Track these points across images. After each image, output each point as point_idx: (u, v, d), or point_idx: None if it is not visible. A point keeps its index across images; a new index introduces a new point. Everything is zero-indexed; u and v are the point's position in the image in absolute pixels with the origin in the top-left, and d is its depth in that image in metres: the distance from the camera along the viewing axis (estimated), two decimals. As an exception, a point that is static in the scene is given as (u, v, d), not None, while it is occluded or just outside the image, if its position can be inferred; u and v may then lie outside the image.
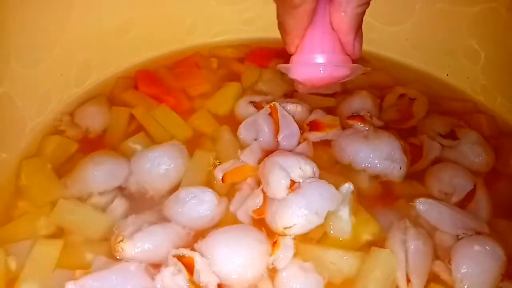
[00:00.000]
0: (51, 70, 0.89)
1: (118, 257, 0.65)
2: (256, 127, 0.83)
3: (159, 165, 0.75)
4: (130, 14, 0.99)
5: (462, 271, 0.65)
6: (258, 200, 0.71)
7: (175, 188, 0.75)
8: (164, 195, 0.75)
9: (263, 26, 1.13)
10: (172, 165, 0.76)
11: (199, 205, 0.70)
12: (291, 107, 0.87)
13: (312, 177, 0.71)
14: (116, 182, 0.76)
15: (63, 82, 0.92)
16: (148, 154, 0.76)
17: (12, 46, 0.80)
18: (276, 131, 0.82)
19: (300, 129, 0.84)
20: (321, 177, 0.71)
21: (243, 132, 0.84)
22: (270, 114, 0.84)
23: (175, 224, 0.69)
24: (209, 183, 0.77)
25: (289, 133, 0.82)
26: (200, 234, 0.68)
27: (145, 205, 0.74)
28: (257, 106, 0.88)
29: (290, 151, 0.78)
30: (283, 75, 0.99)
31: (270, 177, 0.69)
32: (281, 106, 0.84)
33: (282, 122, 0.82)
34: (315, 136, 0.83)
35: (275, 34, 1.18)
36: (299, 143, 0.82)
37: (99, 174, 0.75)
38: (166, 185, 0.76)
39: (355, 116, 0.85)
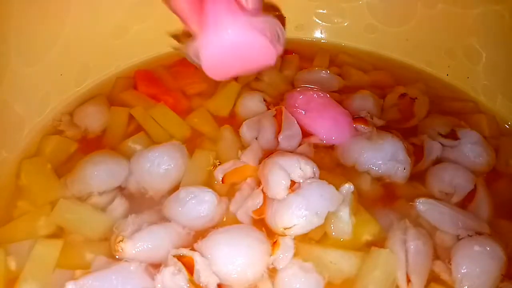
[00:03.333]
0: (51, 70, 0.89)
1: (117, 257, 0.65)
2: (259, 127, 0.83)
3: (159, 165, 0.75)
4: (129, 15, 0.99)
5: (462, 271, 0.65)
6: (258, 201, 0.71)
7: (175, 188, 0.74)
8: (164, 195, 0.75)
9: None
10: (172, 165, 0.76)
11: (199, 205, 0.69)
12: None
13: (312, 178, 0.70)
14: (116, 182, 0.75)
15: (63, 82, 0.92)
16: (148, 154, 0.76)
17: (12, 47, 0.80)
18: (278, 132, 0.82)
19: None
20: (321, 177, 0.71)
21: (246, 130, 0.84)
22: (275, 116, 0.85)
23: (175, 224, 0.69)
24: (209, 183, 0.77)
25: (290, 134, 0.82)
26: (200, 234, 0.68)
27: (145, 205, 0.74)
28: (268, 105, 0.90)
29: (291, 152, 0.78)
30: (281, 73, 1.01)
31: (270, 177, 0.69)
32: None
33: (285, 123, 0.82)
34: (317, 137, 0.83)
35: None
36: (300, 145, 0.82)
37: (99, 174, 0.74)
38: (166, 185, 0.76)
39: (358, 118, 0.85)
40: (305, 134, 0.84)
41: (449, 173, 0.78)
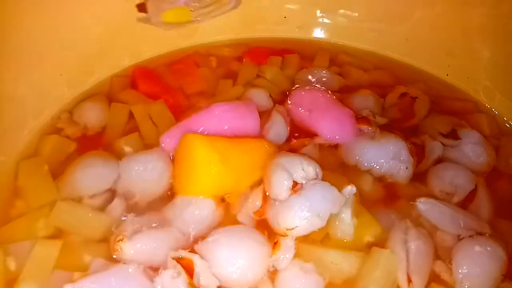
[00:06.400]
0: (51, 71, 0.88)
1: (114, 256, 0.65)
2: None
3: (148, 170, 0.74)
4: (129, 15, 0.98)
5: (463, 271, 0.65)
6: (258, 201, 0.70)
7: (163, 194, 0.74)
8: (151, 201, 0.74)
9: (260, 26, 1.13)
10: (163, 170, 0.74)
11: (198, 211, 0.69)
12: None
13: (315, 179, 0.70)
14: (105, 185, 0.74)
15: (63, 82, 0.92)
16: (139, 158, 0.75)
17: (12, 47, 0.79)
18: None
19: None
20: (324, 178, 0.71)
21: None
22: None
23: (175, 227, 0.68)
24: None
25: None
26: (200, 235, 0.67)
27: (144, 206, 0.73)
28: (274, 101, 0.90)
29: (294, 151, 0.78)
30: (282, 72, 1.01)
31: (272, 177, 0.69)
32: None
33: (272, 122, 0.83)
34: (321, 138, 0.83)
35: (272, 33, 1.18)
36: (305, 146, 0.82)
37: (88, 177, 0.73)
38: (155, 190, 0.74)
39: (361, 118, 0.85)
40: (309, 134, 0.84)
41: (450, 173, 0.78)
